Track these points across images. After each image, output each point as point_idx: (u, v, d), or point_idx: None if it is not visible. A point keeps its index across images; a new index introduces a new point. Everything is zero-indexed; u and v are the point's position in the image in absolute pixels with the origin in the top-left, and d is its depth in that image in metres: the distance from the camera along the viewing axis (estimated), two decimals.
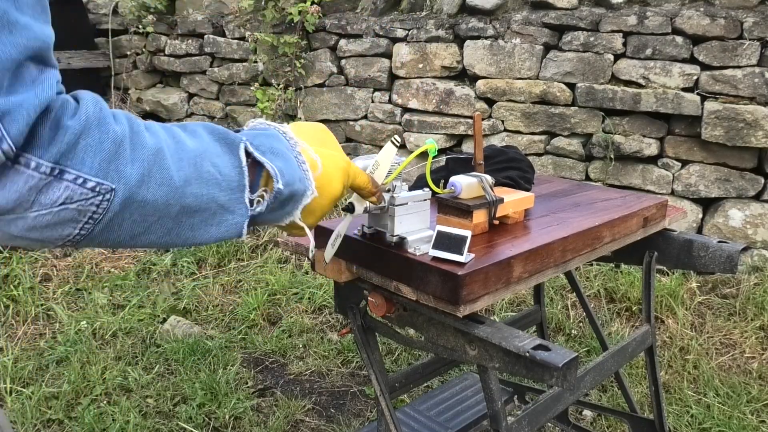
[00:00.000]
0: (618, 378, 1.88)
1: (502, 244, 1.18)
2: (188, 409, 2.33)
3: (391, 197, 1.10)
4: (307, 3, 3.73)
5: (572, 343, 2.79)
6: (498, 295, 1.10)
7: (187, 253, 3.63)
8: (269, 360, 2.73)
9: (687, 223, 3.21)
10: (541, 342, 0.97)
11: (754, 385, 2.47)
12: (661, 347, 2.72)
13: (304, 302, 3.14)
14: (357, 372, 2.65)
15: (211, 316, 3.07)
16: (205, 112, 4.42)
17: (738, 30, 2.96)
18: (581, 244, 1.29)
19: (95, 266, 3.52)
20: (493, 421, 1.18)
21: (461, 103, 3.56)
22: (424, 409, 1.98)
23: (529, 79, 3.41)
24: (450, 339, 1.11)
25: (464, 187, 1.22)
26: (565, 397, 1.35)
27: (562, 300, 3.07)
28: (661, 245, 1.63)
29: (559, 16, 3.29)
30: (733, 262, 1.52)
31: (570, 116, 3.34)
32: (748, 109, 2.94)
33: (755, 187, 3.07)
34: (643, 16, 3.11)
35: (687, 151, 3.17)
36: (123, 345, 2.76)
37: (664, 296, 2.94)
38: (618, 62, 3.21)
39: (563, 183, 1.76)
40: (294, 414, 2.35)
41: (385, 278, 1.13)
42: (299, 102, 3.94)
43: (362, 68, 3.79)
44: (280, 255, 3.60)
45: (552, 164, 3.44)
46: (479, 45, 3.47)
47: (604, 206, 1.49)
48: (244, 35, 4.08)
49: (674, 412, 2.32)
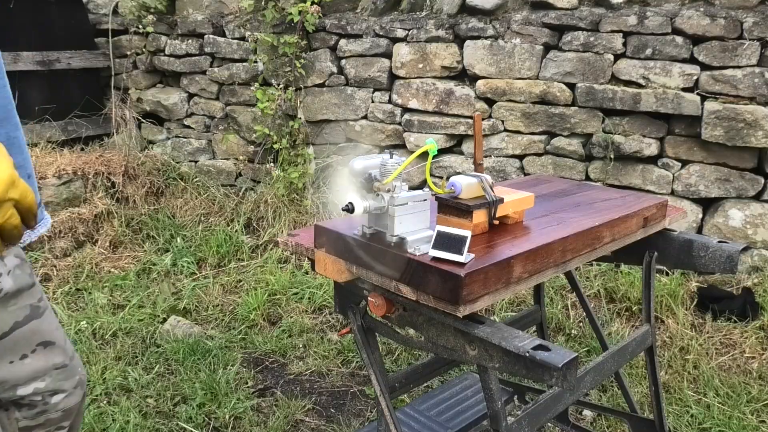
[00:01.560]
0: (618, 378, 1.88)
1: (502, 244, 1.18)
2: (188, 409, 2.33)
3: (391, 197, 1.10)
4: (307, 3, 3.73)
5: (572, 343, 2.79)
6: (498, 295, 1.10)
7: (188, 253, 3.63)
8: (269, 360, 2.74)
9: (687, 223, 3.21)
10: (541, 342, 0.98)
11: (754, 385, 2.47)
12: (661, 347, 2.72)
13: (304, 302, 3.14)
14: (357, 372, 2.65)
15: (211, 316, 3.07)
16: (205, 112, 4.42)
17: (738, 30, 2.96)
18: (581, 244, 1.29)
19: (95, 266, 3.52)
20: (493, 421, 1.18)
21: (461, 103, 3.56)
22: (424, 409, 1.98)
23: (529, 79, 3.41)
24: (450, 339, 1.11)
25: (464, 187, 1.22)
26: (565, 397, 1.35)
27: (562, 300, 3.07)
28: (661, 245, 1.63)
29: (559, 16, 3.29)
30: (733, 262, 1.53)
31: (570, 116, 3.34)
32: (748, 109, 2.94)
33: (755, 187, 3.07)
34: (643, 16, 3.11)
35: (687, 151, 3.17)
36: (123, 345, 2.76)
37: (664, 296, 2.94)
38: (618, 62, 3.21)
39: (563, 183, 1.77)
40: (294, 414, 2.35)
41: (385, 278, 1.13)
42: (299, 102, 3.94)
43: (362, 68, 3.79)
44: (280, 255, 3.60)
45: (552, 164, 3.44)
46: (479, 45, 3.47)
47: (604, 206, 1.49)
48: (244, 35, 4.08)
49: (674, 412, 2.32)
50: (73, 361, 1.27)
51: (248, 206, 4.03)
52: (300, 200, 3.91)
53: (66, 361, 1.24)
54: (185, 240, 3.80)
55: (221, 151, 4.40)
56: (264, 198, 3.98)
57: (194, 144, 4.50)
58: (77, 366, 1.28)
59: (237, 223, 3.91)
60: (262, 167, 4.20)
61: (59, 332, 1.25)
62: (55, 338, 1.23)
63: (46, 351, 1.20)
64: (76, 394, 1.27)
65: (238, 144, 4.29)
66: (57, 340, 1.23)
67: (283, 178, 3.91)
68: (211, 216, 4.05)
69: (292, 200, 3.91)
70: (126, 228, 3.84)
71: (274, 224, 3.83)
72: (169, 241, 3.80)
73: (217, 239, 3.71)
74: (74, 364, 1.27)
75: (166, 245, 3.76)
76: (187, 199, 4.15)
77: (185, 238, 3.83)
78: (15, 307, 1.14)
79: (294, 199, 3.91)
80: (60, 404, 1.23)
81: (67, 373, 1.24)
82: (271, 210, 3.90)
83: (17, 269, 1.15)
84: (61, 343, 1.24)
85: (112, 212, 3.87)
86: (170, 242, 3.79)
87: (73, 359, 1.27)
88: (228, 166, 4.39)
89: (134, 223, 3.92)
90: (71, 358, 1.26)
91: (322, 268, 1.24)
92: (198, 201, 4.14)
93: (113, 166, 4.08)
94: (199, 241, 3.76)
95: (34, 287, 1.19)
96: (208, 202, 4.16)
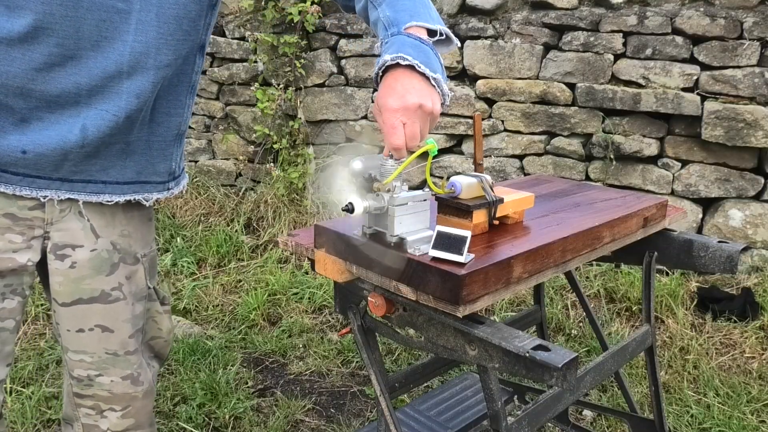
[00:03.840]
0: (618, 378, 1.88)
1: (502, 244, 1.18)
2: (188, 409, 2.33)
3: (391, 197, 1.10)
4: (307, 3, 3.73)
5: (572, 343, 2.79)
6: (498, 295, 1.10)
7: (188, 253, 3.63)
8: (269, 360, 2.74)
9: (687, 223, 3.21)
10: (541, 342, 0.98)
11: (754, 385, 2.47)
12: (661, 347, 2.72)
13: (304, 302, 3.14)
14: (357, 372, 2.65)
15: (211, 316, 3.07)
16: (205, 111, 4.42)
17: (738, 30, 2.96)
18: (581, 244, 1.29)
19: None
20: (493, 421, 1.18)
21: (461, 103, 3.56)
22: (424, 409, 1.98)
23: (529, 79, 3.41)
24: (450, 339, 1.11)
25: (464, 187, 1.22)
26: (565, 397, 1.35)
27: (562, 300, 3.07)
28: (661, 245, 1.63)
29: (559, 16, 3.29)
30: (733, 262, 1.53)
31: (570, 116, 3.34)
32: (748, 109, 2.94)
33: (755, 187, 3.07)
34: (643, 16, 3.11)
35: (687, 151, 3.17)
36: None
37: (664, 296, 2.94)
38: (618, 62, 3.22)
39: (563, 183, 1.77)
40: (294, 414, 2.35)
41: (385, 278, 1.13)
42: (299, 102, 3.94)
43: (362, 68, 3.79)
44: (280, 255, 3.60)
45: (552, 164, 3.44)
46: (479, 45, 3.47)
47: (604, 206, 1.49)
48: (244, 35, 4.08)
49: (674, 412, 2.32)
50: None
51: (248, 206, 4.03)
52: (300, 200, 3.91)
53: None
54: (185, 240, 3.80)
55: (221, 151, 4.40)
56: (264, 198, 3.98)
57: (194, 144, 4.50)
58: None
59: (237, 223, 3.91)
60: (262, 167, 4.20)
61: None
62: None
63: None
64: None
65: (238, 144, 4.29)
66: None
67: (283, 178, 3.91)
68: (211, 216, 4.05)
69: (292, 200, 3.91)
70: None
71: (274, 224, 3.83)
72: (169, 241, 3.80)
73: (217, 239, 3.71)
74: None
75: (166, 245, 3.76)
76: (187, 199, 4.15)
77: (185, 238, 3.83)
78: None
79: (294, 199, 3.91)
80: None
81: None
82: (271, 210, 3.90)
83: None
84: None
85: None
86: (170, 242, 3.79)
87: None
88: (228, 166, 4.39)
89: None
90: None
91: (322, 268, 1.24)
92: (198, 201, 4.14)
93: None
94: (199, 241, 3.76)
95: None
96: (208, 202, 4.16)
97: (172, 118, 1.20)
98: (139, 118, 1.13)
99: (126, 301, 1.24)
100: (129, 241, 1.24)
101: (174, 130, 1.21)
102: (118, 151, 1.14)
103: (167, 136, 1.21)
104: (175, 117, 1.20)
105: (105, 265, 1.20)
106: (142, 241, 1.28)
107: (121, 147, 1.14)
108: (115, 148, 1.13)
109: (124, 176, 1.17)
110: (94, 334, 1.21)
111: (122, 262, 1.23)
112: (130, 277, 1.24)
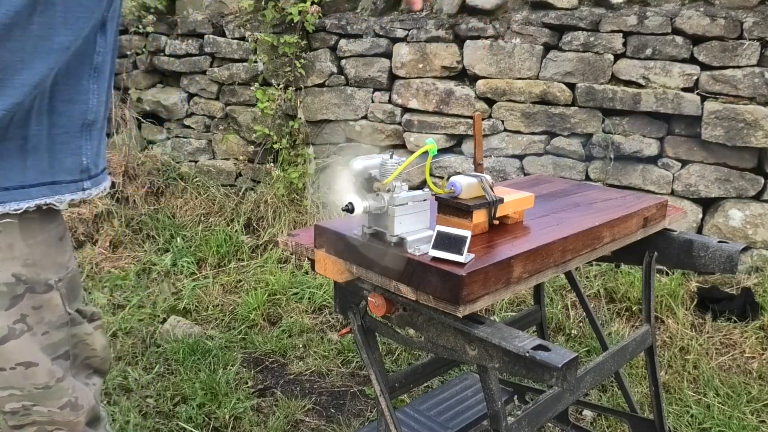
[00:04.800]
0: (618, 378, 1.88)
1: (502, 244, 1.18)
2: (188, 409, 2.33)
3: (391, 197, 1.10)
4: (307, 3, 3.73)
5: (572, 343, 2.79)
6: (498, 295, 1.10)
7: (188, 253, 3.63)
8: (269, 360, 2.74)
9: (687, 223, 3.21)
10: (541, 342, 0.98)
11: (754, 385, 2.47)
12: (661, 347, 2.72)
13: (304, 302, 3.14)
14: (357, 372, 2.65)
15: (211, 316, 3.07)
16: (205, 112, 4.42)
17: (738, 30, 2.96)
18: (581, 244, 1.29)
19: (95, 266, 3.52)
20: (493, 421, 1.18)
21: (461, 103, 3.56)
22: (424, 409, 1.98)
23: (529, 79, 3.41)
24: (450, 339, 1.11)
25: (464, 187, 1.22)
26: (565, 397, 1.35)
27: (562, 300, 3.07)
28: (661, 245, 1.63)
29: (559, 16, 3.29)
30: (733, 262, 1.53)
31: (570, 116, 3.34)
32: (748, 109, 2.94)
33: (755, 187, 3.07)
34: (643, 16, 3.11)
35: (687, 151, 3.17)
36: (123, 345, 2.76)
37: (664, 296, 2.94)
38: (618, 62, 3.21)
39: (563, 183, 1.77)
40: (294, 414, 2.35)
41: (385, 278, 1.13)
42: (299, 102, 3.94)
43: (362, 68, 3.79)
44: (280, 255, 3.60)
45: (552, 164, 3.44)
46: (479, 45, 3.47)
47: (604, 206, 1.49)
48: (244, 35, 4.08)
49: (674, 412, 2.32)
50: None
51: (248, 206, 4.03)
52: (300, 200, 3.91)
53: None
54: (185, 240, 3.80)
55: (221, 151, 4.40)
56: (264, 198, 3.98)
57: (194, 144, 4.50)
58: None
59: (237, 223, 3.91)
60: (262, 167, 4.20)
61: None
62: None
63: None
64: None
65: (238, 144, 4.29)
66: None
67: (283, 178, 3.91)
68: (211, 216, 4.05)
69: (292, 200, 3.91)
70: (126, 228, 3.84)
71: (274, 224, 3.83)
72: (169, 241, 3.80)
73: (217, 239, 3.71)
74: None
75: (166, 245, 3.76)
76: (187, 199, 4.15)
77: (185, 238, 3.83)
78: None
79: (294, 199, 3.92)
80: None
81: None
82: (271, 210, 3.90)
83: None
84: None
85: (112, 212, 3.87)
86: (170, 242, 3.79)
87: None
88: (228, 166, 4.38)
89: (134, 223, 3.92)
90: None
91: (322, 268, 1.24)
92: (198, 201, 4.14)
93: (113, 166, 4.08)
94: (199, 241, 3.76)
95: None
96: (208, 202, 4.16)
97: (75, 105, 1.08)
98: (34, 108, 1.01)
99: (32, 332, 1.11)
100: (36, 270, 1.10)
101: (79, 120, 1.09)
102: (15, 149, 1.01)
103: (71, 128, 1.08)
104: (79, 105, 1.08)
105: (4, 299, 1.07)
106: (54, 266, 1.13)
107: (19, 143, 1.01)
108: (11, 145, 1.00)
109: (26, 178, 1.04)
110: (18, 372, 1.11)
111: (29, 292, 1.10)
112: (40, 307, 1.11)
